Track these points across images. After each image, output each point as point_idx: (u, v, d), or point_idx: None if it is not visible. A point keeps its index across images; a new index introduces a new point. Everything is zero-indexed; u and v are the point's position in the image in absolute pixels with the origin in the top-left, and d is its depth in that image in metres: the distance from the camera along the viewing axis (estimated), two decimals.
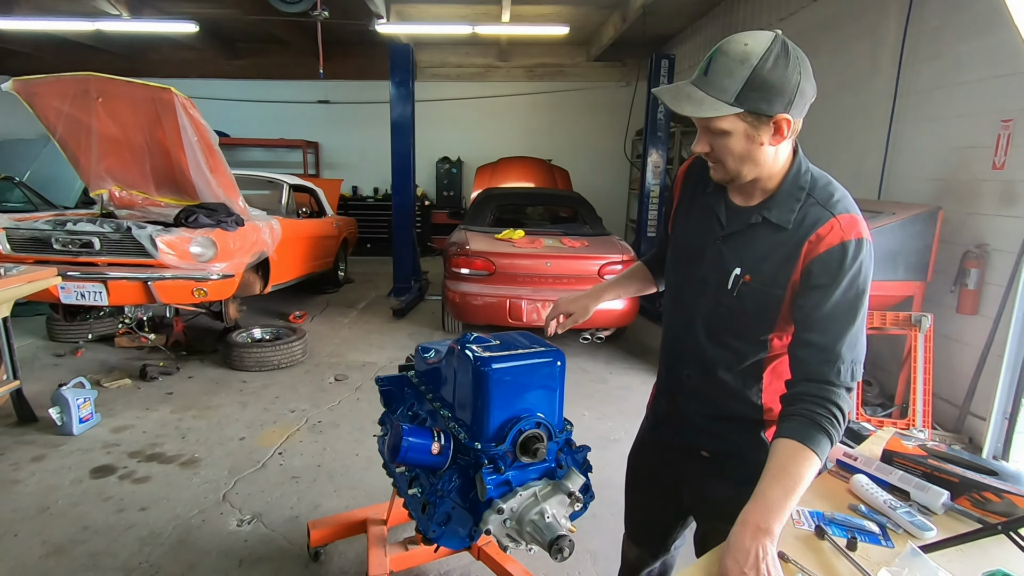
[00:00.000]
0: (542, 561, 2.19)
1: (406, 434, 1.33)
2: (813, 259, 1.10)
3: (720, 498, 1.31)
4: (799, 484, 1.01)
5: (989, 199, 3.34)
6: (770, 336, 1.20)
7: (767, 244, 1.15)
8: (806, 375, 1.11)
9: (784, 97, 1.05)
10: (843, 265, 1.09)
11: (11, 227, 4.05)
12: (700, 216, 1.26)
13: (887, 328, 3.59)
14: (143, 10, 7.23)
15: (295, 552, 2.35)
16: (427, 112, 9.05)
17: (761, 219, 1.16)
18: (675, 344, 1.32)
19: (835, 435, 1.05)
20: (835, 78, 4.94)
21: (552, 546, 1.21)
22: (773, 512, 0.99)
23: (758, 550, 0.95)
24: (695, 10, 7.59)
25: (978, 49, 3.44)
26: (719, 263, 1.20)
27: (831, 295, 1.09)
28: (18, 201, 6.58)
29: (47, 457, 3.02)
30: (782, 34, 1.06)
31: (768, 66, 1.02)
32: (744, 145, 1.09)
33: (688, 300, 1.27)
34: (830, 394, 1.07)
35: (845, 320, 1.10)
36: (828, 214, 1.11)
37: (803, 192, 1.14)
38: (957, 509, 1.22)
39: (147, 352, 4.62)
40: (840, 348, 1.08)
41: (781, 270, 1.13)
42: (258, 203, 5.28)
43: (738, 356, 1.22)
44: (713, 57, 1.06)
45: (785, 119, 1.07)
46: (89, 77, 4.05)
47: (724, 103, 1.04)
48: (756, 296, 1.16)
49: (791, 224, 1.13)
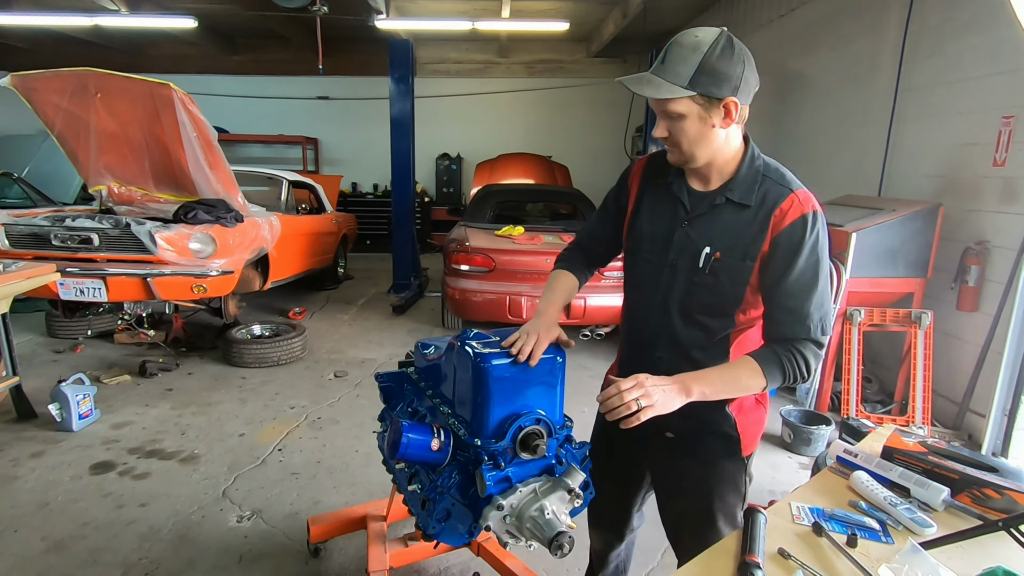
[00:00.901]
0: (542, 558, 2.19)
1: (406, 430, 1.33)
2: (780, 232, 1.22)
3: (687, 478, 1.43)
4: (735, 382, 1.22)
5: (990, 196, 3.33)
6: (736, 312, 1.30)
7: (733, 221, 1.26)
8: (780, 334, 1.24)
9: (731, 82, 1.17)
10: (805, 235, 1.21)
11: (10, 223, 4.04)
12: (661, 205, 1.36)
13: (887, 325, 3.59)
14: (142, 5, 7.20)
15: (295, 548, 2.35)
16: (427, 108, 9.03)
17: (725, 200, 1.27)
18: (646, 328, 1.39)
19: (790, 371, 1.21)
20: (836, 74, 4.93)
21: (552, 543, 1.20)
22: (701, 380, 1.19)
23: (667, 382, 1.16)
24: (695, 6, 7.57)
25: (979, 46, 3.43)
26: (687, 245, 1.30)
27: (797, 262, 1.22)
28: (17, 197, 6.57)
29: (47, 453, 3.02)
30: (727, 30, 1.20)
31: (716, 54, 1.15)
32: (698, 127, 1.21)
33: (659, 284, 1.34)
34: (799, 344, 1.22)
35: (811, 283, 1.22)
36: (787, 190, 1.24)
37: (759, 173, 1.27)
38: (957, 506, 1.22)
39: (146, 348, 4.62)
40: (808, 308, 1.22)
41: (752, 243, 1.24)
42: (257, 199, 5.27)
43: (708, 333, 1.32)
44: (669, 48, 1.19)
45: (733, 102, 1.19)
46: (88, 73, 4.04)
47: (679, 87, 1.16)
48: (729, 270, 1.26)
49: (753, 202, 1.25)
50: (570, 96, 10.19)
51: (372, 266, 8.44)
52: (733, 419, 1.36)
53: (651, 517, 1.64)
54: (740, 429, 1.37)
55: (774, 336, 1.26)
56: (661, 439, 1.42)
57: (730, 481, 1.40)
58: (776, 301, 1.24)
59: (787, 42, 5.77)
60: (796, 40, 5.60)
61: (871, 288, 3.62)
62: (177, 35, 8.93)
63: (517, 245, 4.88)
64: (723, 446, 1.38)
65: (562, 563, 2.28)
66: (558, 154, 9.16)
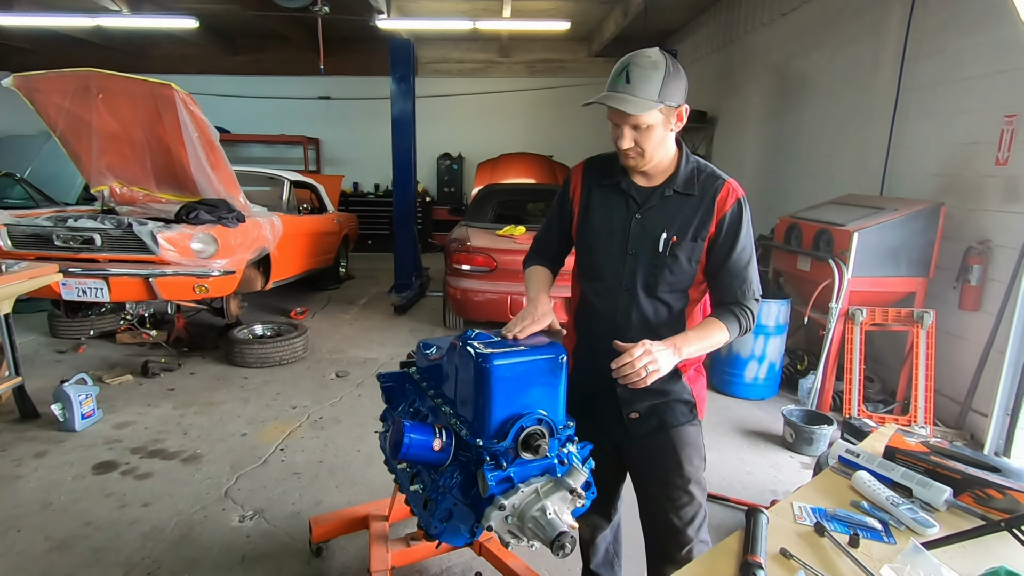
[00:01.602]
0: (544, 557, 2.20)
1: (408, 430, 1.33)
2: (724, 215, 1.46)
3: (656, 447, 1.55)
4: (709, 338, 1.43)
5: (992, 195, 3.32)
6: (690, 288, 1.52)
7: (682, 208, 1.48)
8: (732, 298, 1.48)
9: (682, 91, 1.39)
10: (742, 216, 1.47)
11: (12, 224, 4.05)
12: (610, 203, 1.54)
13: (889, 324, 3.59)
14: (143, 6, 7.20)
15: (297, 548, 2.35)
16: (428, 108, 9.03)
17: (672, 192, 1.48)
18: (614, 312, 1.52)
19: (744, 325, 1.46)
20: (837, 74, 4.92)
21: (554, 543, 1.20)
22: (686, 341, 1.39)
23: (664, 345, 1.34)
24: (696, 5, 7.56)
25: (981, 44, 3.43)
26: (643, 234, 1.48)
27: (739, 239, 1.46)
28: (19, 198, 6.58)
29: (49, 453, 3.03)
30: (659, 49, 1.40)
31: (671, 70, 1.36)
32: (661, 133, 1.41)
33: (622, 272, 1.50)
34: (747, 304, 1.48)
35: (748, 255, 1.48)
36: (722, 180, 1.49)
37: (694, 169, 1.50)
38: (959, 506, 1.22)
39: (149, 348, 4.63)
40: (749, 275, 1.48)
41: (701, 226, 1.46)
42: (259, 199, 5.27)
43: (669, 308, 1.51)
44: (629, 69, 1.36)
45: (684, 107, 1.42)
46: (90, 73, 4.05)
47: (652, 101, 1.35)
48: (685, 250, 1.46)
49: (695, 191, 1.47)
50: (571, 95, 10.18)
51: (373, 266, 8.45)
52: (689, 387, 1.55)
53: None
54: (695, 395, 1.57)
55: (725, 300, 1.49)
56: (627, 420, 1.55)
57: (693, 444, 1.55)
58: (726, 270, 1.47)
59: (788, 41, 5.77)
60: (797, 39, 5.59)
61: (873, 287, 3.61)
62: (178, 35, 8.95)
63: (518, 245, 4.88)
64: (685, 412, 1.55)
65: (564, 563, 2.28)
66: (559, 153, 9.16)
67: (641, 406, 1.53)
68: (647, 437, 1.55)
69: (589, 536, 1.82)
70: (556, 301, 1.60)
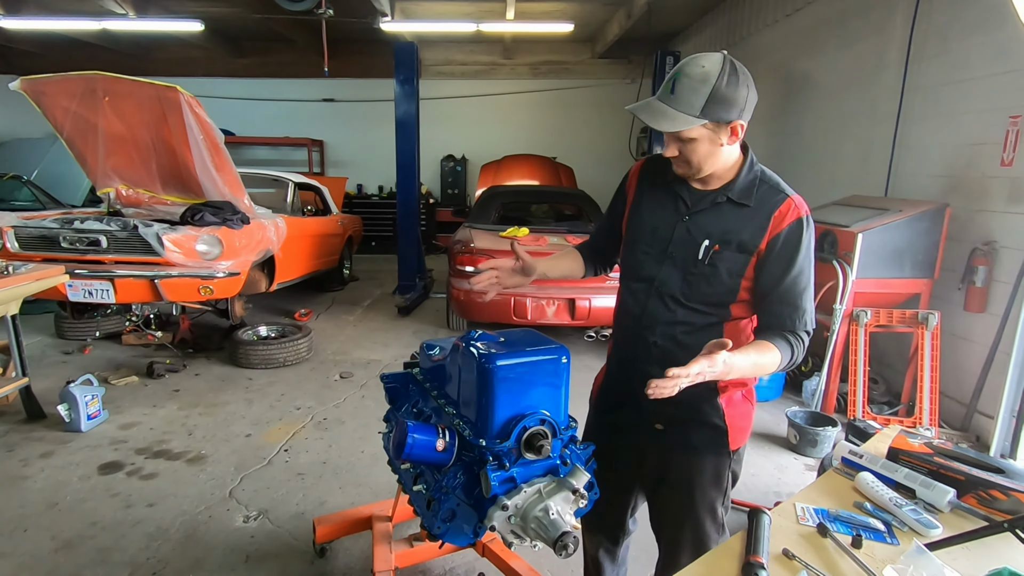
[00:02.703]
0: (546, 558, 2.20)
1: (411, 431, 1.33)
2: (778, 233, 1.33)
3: (673, 468, 1.48)
4: (759, 360, 1.29)
5: (997, 196, 3.31)
6: (731, 303, 1.39)
7: (733, 218, 1.36)
8: (780, 325, 1.34)
9: (737, 107, 1.26)
10: (801, 237, 1.33)
11: (19, 225, 4.08)
12: (662, 202, 1.45)
13: (894, 326, 3.57)
14: (149, 9, 7.26)
15: (301, 548, 2.36)
16: (432, 110, 9.05)
17: (725, 199, 1.37)
18: (642, 316, 1.44)
19: (796, 353, 1.32)
20: (841, 75, 4.91)
21: (556, 543, 1.21)
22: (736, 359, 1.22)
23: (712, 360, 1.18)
24: (700, 6, 7.55)
25: (986, 45, 3.42)
26: (687, 239, 1.39)
27: (796, 261, 1.33)
28: (26, 200, 6.63)
29: (56, 453, 3.04)
30: (728, 54, 1.26)
31: (724, 83, 1.23)
32: (708, 148, 1.30)
33: (657, 275, 1.42)
34: (799, 334, 1.34)
35: (807, 281, 1.35)
36: (784, 195, 1.35)
37: (756, 179, 1.38)
38: (963, 507, 1.22)
39: (154, 350, 4.65)
40: (804, 303, 1.35)
41: (750, 240, 1.34)
42: (263, 201, 5.30)
43: (700, 320, 1.40)
44: (677, 78, 1.26)
45: (740, 124, 1.29)
46: (96, 76, 4.07)
47: (693, 117, 1.24)
48: (726, 262, 1.35)
49: (752, 202, 1.35)
50: (575, 97, 10.19)
51: (377, 267, 8.47)
52: (722, 410, 1.43)
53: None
54: (728, 421, 1.43)
55: (773, 327, 1.35)
56: (651, 431, 1.48)
57: (712, 474, 1.45)
58: (777, 295, 1.34)
59: (793, 42, 5.76)
60: (802, 40, 5.58)
61: (877, 289, 3.60)
62: (184, 38, 9.00)
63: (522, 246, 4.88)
64: (710, 437, 1.44)
65: (566, 563, 2.28)
66: (563, 155, 9.15)
67: (667, 419, 1.45)
68: (665, 455, 1.49)
69: (596, 554, 1.76)
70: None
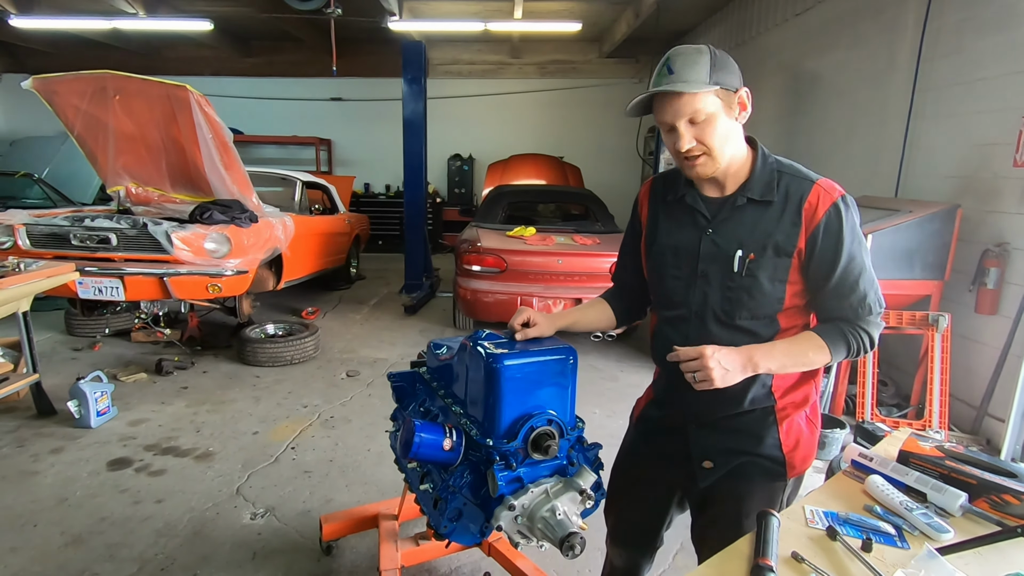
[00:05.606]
0: (553, 558, 2.19)
1: (418, 430, 1.33)
2: (816, 226, 1.22)
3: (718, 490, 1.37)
4: (801, 356, 1.23)
5: (1009, 197, 3.28)
6: (778, 314, 1.28)
7: (760, 219, 1.25)
8: (839, 315, 1.25)
9: (737, 74, 1.21)
10: (842, 222, 1.22)
11: (30, 223, 4.12)
12: (678, 220, 1.35)
13: (904, 328, 3.54)
14: (159, 8, 7.30)
15: (307, 546, 2.37)
16: (439, 109, 9.07)
17: (746, 200, 1.26)
18: (682, 342, 1.29)
19: (855, 346, 1.23)
20: (852, 73, 4.88)
21: (563, 543, 1.21)
22: (767, 353, 1.21)
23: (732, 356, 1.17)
24: (709, 5, 7.52)
25: (999, 45, 3.38)
26: (716, 253, 1.28)
27: (842, 251, 1.22)
28: (37, 198, 6.70)
29: (65, 449, 3.07)
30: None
31: (717, 53, 1.20)
32: (725, 123, 1.21)
33: (692, 298, 1.31)
34: (862, 322, 1.24)
35: (859, 265, 1.23)
36: (809, 181, 1.25)
37: (774, 170, 1.27)
38: (975, 511, 1.21)
39: (162, 347, 4.68)
40: (863, 288, 1.23)
41: (786, 239, 1.23)
42: (271, 200, 5.32)
43: (751, 338, 1.27)
44: (670, 61, 1.19)
45: (745, 91, 1.23)
46: (106, 75, 4.11)
47: (704, 83, 1.17)
48: (766, 269, 1.24)
49: (776, 198, 1.25)
50: (582, 97, 10.17)
51: (384, 266, 8.49)
52: (779, 439, 1.33)
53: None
54: (786, 451, 1.33)
55: (833, 318, 1.27)
56: (699, 469, 1.37)
57: (766, 501, 1.33)
58: (831, 290, 1.24)
59: (802, 41, 5.72)
60: (811, 39, 5.55)
61: (887, 290, 3.51)
62: (193, 38, 9.05)
63: (529, 246, 4.88)
64: (766, 467, 1.34)
65: (573, 564, 2.27)
66: (570, 155, 9.15)
67: (719, 458, 1.34)
68: (712, 485, 1.37)
69: (623, 567, 1.66)
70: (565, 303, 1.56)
